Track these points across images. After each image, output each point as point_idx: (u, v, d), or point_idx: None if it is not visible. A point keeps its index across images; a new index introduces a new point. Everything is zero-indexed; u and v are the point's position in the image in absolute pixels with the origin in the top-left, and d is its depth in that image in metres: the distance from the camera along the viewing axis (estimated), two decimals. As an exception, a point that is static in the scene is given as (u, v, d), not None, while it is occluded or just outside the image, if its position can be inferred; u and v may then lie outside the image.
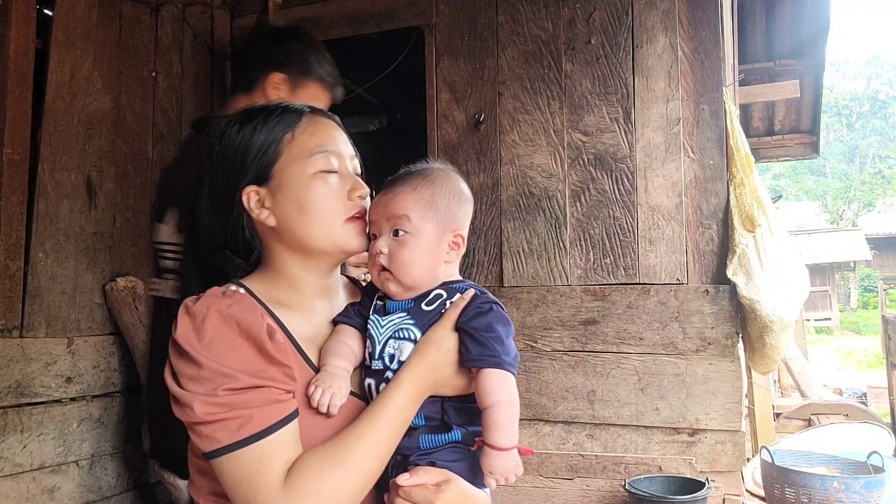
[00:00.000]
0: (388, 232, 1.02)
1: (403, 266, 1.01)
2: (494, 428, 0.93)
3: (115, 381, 3.27)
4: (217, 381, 0.89)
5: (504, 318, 1.01)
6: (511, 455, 0.93)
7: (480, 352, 0.95)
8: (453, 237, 1.06)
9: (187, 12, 3.77)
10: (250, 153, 1.04)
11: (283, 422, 0.91)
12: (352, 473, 0.90)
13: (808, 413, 4.97)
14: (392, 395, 0.95)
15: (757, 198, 3.04)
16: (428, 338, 0.99)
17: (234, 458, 0.89)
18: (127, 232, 3.40)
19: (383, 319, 1.02)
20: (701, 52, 3.16)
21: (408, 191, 1.03)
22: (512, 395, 0.95)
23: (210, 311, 0.94)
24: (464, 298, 1.02)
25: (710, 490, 2.80)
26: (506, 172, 3.40)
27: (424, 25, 3.61)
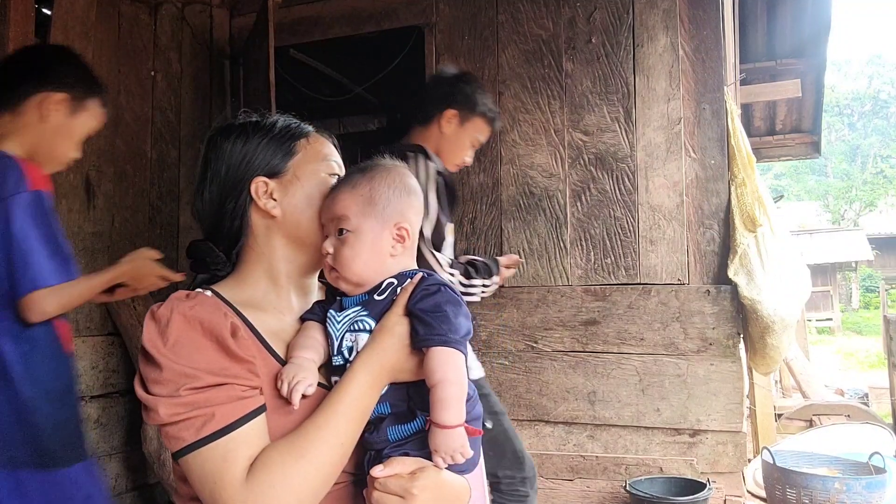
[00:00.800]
0: (333, 232, 1.05)
1: (346, 264, 1.03)
2: (439, 405, 0.93)
3: (114, 382, 3.27)
4: (179, 382, 0.91)
5: (452, 297, 1.01)
6: (457, 433, 0.93)
7: (427, 331, 0.96)
8: (396, 231, 1.07)
9: (186, 11, 3.76)
10: (264, 150, 1.11)
11: (245, 418, 0.92)
12: (313, 464, 0.91)
13: (810, 414, 4.96)
14: (347, 384, 0.97)
15: (758, 197, 3.03)
16: (381, 325, 1.00)
17: (200, 456, 0.90)
18: (126, 232, 3.39)
19: (339, 315, 1.04)
20: (702, 52, 3.15)
21: (347, 189, 1.06)
22: (458, 372, 0.95)
23: (174, 314, 0.95)
24: (413, 282, 1.03)
25: (711, 491, 2.79)
26: (506, 172, 3.39)
27: (424, 24, 3.60)
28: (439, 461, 0.94)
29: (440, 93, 2.23)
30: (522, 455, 2.24)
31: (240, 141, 1.13)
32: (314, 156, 1.13)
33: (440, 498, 0.96)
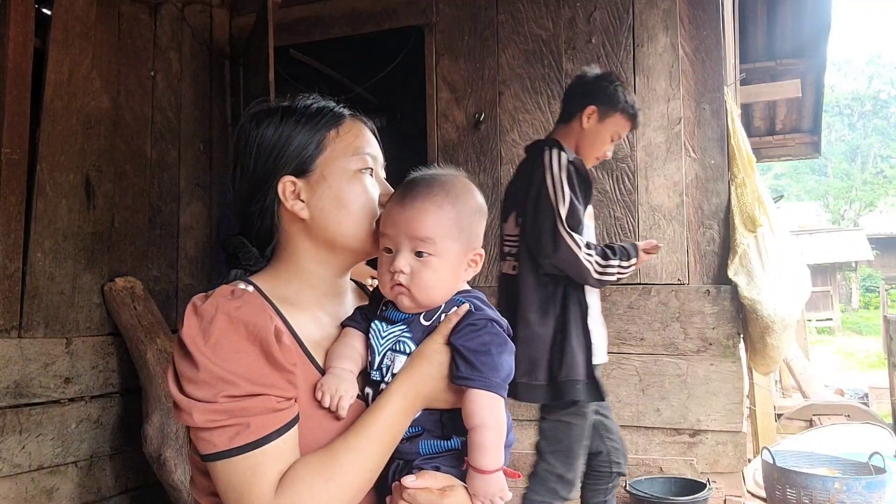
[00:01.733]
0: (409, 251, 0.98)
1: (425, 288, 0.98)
2: (478, 450, 0.91)
3: (114, 382, 3.26)
4: (217, 387, 0.89)
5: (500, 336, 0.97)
6: (496, 478, 0.92)
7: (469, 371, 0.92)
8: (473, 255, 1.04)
9: (186, 11, 3.76)
10: (291, 145, 1.04)
11: (279, 431, 0.90)
12: (342, 488, 0.90)
13: (810, 414, 4.96)
14: (381, 408, 0.94)
15: (758, 197, 3.03)
16: (419, 351, 0.97)
17: (229, 465, 0.89)
18: (126, 232, 3.39)
19: (384, 330, 1.01)
20: (702, 52, 3.15)
21: (431, 209, 0.98)
22: (498, 417, 0.93)
23: (218, 313, 0.92)
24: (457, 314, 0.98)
25: (711, 491, 2.79)
26: (506, 172, 3.39)
27: (424, 24, 3.59)
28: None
29: (581, 91, 2.38)
30: (576, 461, 2.30)
31: (269, 132, 1.06)
32: (343, 150, 1.05)
33: None
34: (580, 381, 2.18)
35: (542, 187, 2.21)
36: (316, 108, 1.08)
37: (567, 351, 2.19)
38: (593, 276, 2.20)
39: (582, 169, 2.28)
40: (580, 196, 2.24)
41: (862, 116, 41.62)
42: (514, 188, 2.46)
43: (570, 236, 2.16)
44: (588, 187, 2.31)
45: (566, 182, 2.20)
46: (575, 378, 2.18)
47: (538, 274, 2.26)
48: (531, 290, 2.27)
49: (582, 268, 2.18)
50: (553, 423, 2.27)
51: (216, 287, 1.00)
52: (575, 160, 2.27)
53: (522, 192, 2.32)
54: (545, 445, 2.28)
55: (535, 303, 2.26)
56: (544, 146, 2.29)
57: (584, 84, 2.39)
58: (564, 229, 2.16)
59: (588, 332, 2.24)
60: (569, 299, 2.24)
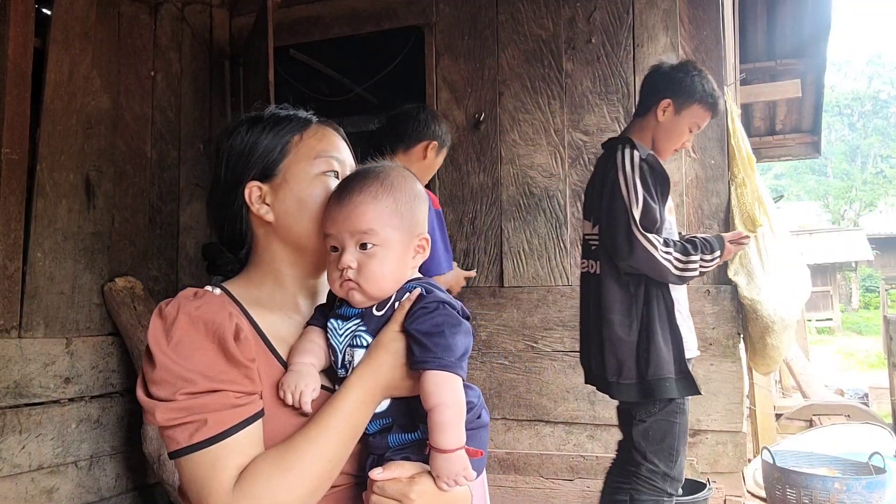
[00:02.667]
0: (353, 245, 0.99)
1: (374, 279, 0.99)
2: (437, 430, 0.91)
3: (114, 382, 3.26)
4: (176, 385, 0.91)
5: (452, 316, 0.98)
6: (457, 457, 0.92)
7: (423, 354, 0.93)
8: (419, 241, 1.04)
9: (186, 11, 3.76)
10: (257, 150, 1.08)
11: (238, 427, 0.92)
12: (300, 478, 0.92)
13: (810, 414, 4.96)
14: (341, 399, 0.96)
15: (758, 197, 3.03)
16: (376, 342, 0.98)
17: (191, 461, 0.91)
18: (126, 232, 3.39)
19: (340, 327, 1.02)
20: (702, 52, 3.15)
21: (367, 200, 0.99)
22: (455, 395, 0.94)
23: (179, 314, 0.95)
24: (409, 299, 1.00)
25: (711, 491, 2.79)
26: (506, 172, 3.39)
27: (424, 24, 3.59)
28: (443, 486, 0.92)
29: (656, 83, 2.35)
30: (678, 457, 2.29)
31: (237, 141, 1.10)
32: (306, 153, 1.08)
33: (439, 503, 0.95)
34: (670, 378, 2.18)
35: (615, 188, 2.20)
36: (283, 115, 1.12)
37: (653, 350, 2.18)
38: (673, 273, 2.19)
39: (657, 165, 2.26)
40: (657, 194, 2.22)
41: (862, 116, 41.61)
42: (591, 190, 2.46)
43: (644, 238, 2.15)
44: (665, 183, 2.28)
45: (639, 182, 2.18)
46: (665, 376, 2.18)
47: (619, 274, 2.25)
48: (613, 289, 2.26)
49: (660, 267, 2.16)
50: (654, 423, 2.25)
51: None
52: (648, 157, 2.24)
53: (597, 192, 2.32)
54: (647, 446, 2.26)
55: (617, 302, 2.25)
56: (617, 144, 2.28)
57: (659, 76, 2.35)
58: (638, 231, 2.15)
59: (676, 328, 2.23)
60: (652, 297, 2.23)
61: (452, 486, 0.93)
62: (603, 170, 2.31)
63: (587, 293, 2.45)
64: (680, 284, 2.30)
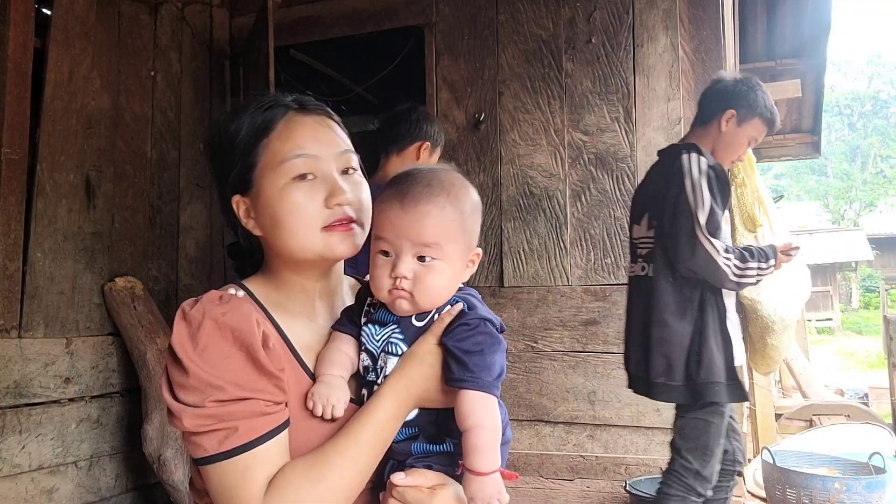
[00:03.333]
0: (412, 255, 0.95)
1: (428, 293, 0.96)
2: (473, 452, 0.89)
3: (114, 382, 3.26)
4: (206, 392, 0.89)
5: (492, 335, 0.96)
6: (492, 479, 0.89)
7: (461, 373, 0.91)
8: (472, 255, 1.02)
9: (186, 11, 3.76)
10: (234, 160, 1.02)
11: (268, 435, 0.90)
12: (331, 490, 0.90)
13: (810, 414, 4.96)
14: (373, 411, 0.93)
15: (758, 197, 3.04)
16: (411, 352, 0.96)
17: (219, 469, 0.89)
18: (126, 232, 3.39)
19: (376, 333, 1.00)
20: (702, 52, 3.15)
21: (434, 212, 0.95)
22: (493, 417, 0.92)
23: (205, 319, 0.92)
24: (450, 313, 0.97)
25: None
26: (506, 172, 3.39)
27: (424, 24, 3.59)
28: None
29: (720, 94, 2.43)
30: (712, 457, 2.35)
31: (218, 148, 1.05)
32: (271, 161, 1.00)
33: None
34: (720, 382, 2.23)
35: (681, 192, 2.24)
36: (249, 122, 1.03)
37: (705, 353, 2.23)
38: (731, 279, 2.23)
39: (721, 174, 2.32)
40: (719, 201, 2.28)
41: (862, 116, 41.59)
42: (647, 191, 2.51)
43: (708, 241, 2.20)
44: (727, 191, 2.34)
45: (706, 187, 2.24)
46: (715, 380, 2.23)
47: (674, 277, 2.31)
48: (667, 292, 2.31)
49: (720, 272, 2.21)
50: (691, 421, 2.31)
51: None
52: (715, 165, 2.31)
53: (658, 195, 2.36)
54: (682, 443, 2.33)
55: (671, 305, 2.30)
56: (682, 150, 2.33)
57: (724, 88, 2.43)
58: (703, 235, 2.20)
59: (728, 333, 2.28)
60: (706, 302, 2.28)
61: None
62: (665, 173, 2.35)
63: (635, 296, 2.49)
64: (736, 290, 2.37)
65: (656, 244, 2.36)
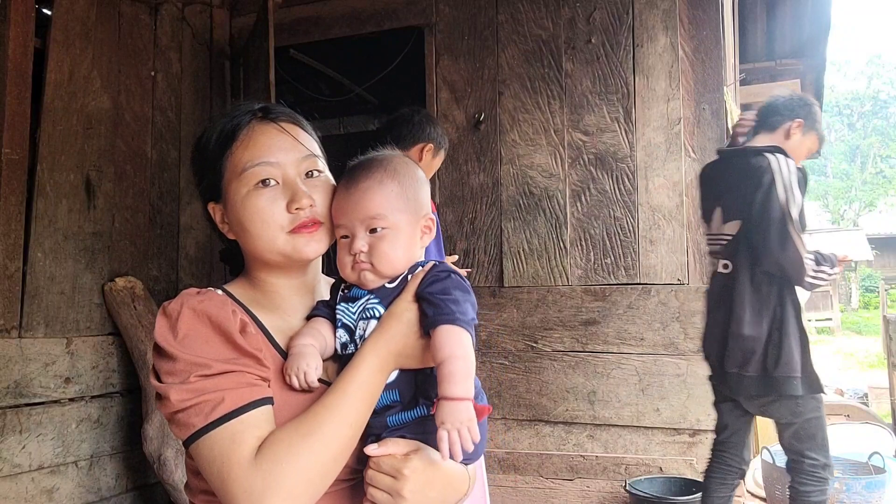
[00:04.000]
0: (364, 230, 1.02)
1: (387, 259, 1.02)
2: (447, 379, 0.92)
3: (114, 382, 3.27)
4: (190, 370, 0.92)
5: (461, 284, 1.01)
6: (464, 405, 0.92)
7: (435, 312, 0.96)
8: (425, 222, 1.09)
9: (186, 11, 3.76)
10: (206, 169, 1.08)
11: (255, 403, 0.92)
12: (322, 442, 0.92)
13: (810, 413, 4.96)
14: (356, 367, 0.97)
15: (758, 197, 3.03)
16: (389, 312, 1.00)
17: (209, 440, 0.90)
18: (126, 232, 3.39)
19: (351, 308, 1.05)
20: (702, 52, 3.15)
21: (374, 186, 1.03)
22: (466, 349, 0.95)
23: (183, 308, 0.96)
24: (424, 269, 1.02)
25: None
26: (506, 172, 3.39)
27: (424, 25, 3.60)
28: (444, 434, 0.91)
29: (789, 105, 2.60)
30: (828, 445, 2.53)
31: (195, 162, 1.13)
32: (233, 170, 1.04)
33: (432, 481, 0.97)
34: (797, 376, 2.36)
35: (772, 191, 2.36)
36: (222, 124, 1.08)
37: (784, 348, 2.36)
38: (808, 277, 2.37)
39: (802, 177, 2.47)
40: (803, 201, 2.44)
41: (861, 116, 41.59)
42: (717, 189, 2.65)
43: (798, 237, 2.34)
44: (804, 194, 2.49)
45: (796, 186, 2.39)
46: (793, 374, 2.36)
47: (754, 273, 2.43)
48: (747, 288, 2.44)
49: (802, 268, 2.35)
50: (804, 423, 2.45)
51: None
52: (801, 167, 2.47)
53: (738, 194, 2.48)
54: (802, 445, 2.48)
55: (750, 300, 2.43)
56: (767, 152, 2.46)
57: (792, 100, 2.62)
58: (795, 230, 2.33)
59: (804, 329, 2.41)
60: (785, 298, 2.41)
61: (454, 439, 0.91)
62: (747, 173, 2.45)
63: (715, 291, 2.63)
64: (808, 289, 2.50)
65: (739, 241, 2.47)
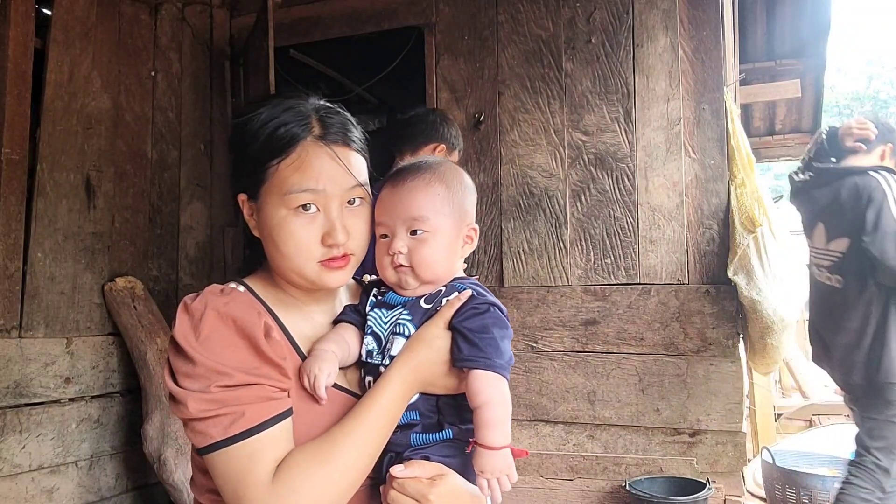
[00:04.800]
0: (405, 231, 1.00)
1: (426, 263, 0.99)
2: (484, 427, 0.91)
3: (114, 382, 3.27)
4: (211, 378, 0.89)
5: (501, 320, 0.98)
6: (503, 454, 0.91)
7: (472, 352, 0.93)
8: (468, 231, 1.06)
9: (186, 11, 3.76)
10: (246, 160, 1.02)
11: (274, 419, 0.90)
12: (338, 470, 0.91)
13: (810, 414, 4.96)
14: (379, 392, 0.95)
15: (758, 198, 3.03)
16: (419, 335, 0.98)
17: (225, 455, 0.88)
18: (126, 232, 3.39)
19: (385, 316, 1.02)
20: (702, 52, 3.15)
21: (420, 186, 1.01)
22: (503, 395, 0.94)
23: (207, 309, 0.93)
24: (459, 298, 0.99)
25: (710, 491, 2.79)
26: (506, 172, 3.39)
27: (424, 24, 3.59)
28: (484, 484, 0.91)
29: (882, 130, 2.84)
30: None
31: (234, 146, 1.06)
32: (277, 188, 0.98)
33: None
34: None
35: (884, 208, 2.58)
36: (274, 127, 1.00)
37: (885, 356, 2.55)
38: None
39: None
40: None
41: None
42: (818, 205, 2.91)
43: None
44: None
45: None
46: (893, 380, 2.54)
47: (863, 286, 2.63)
48: (855, 300, 2.65)
49: None
50: (881, 423, 2.58)
51: None
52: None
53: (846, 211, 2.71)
54: (872, 442, 2.60)
55: (857, 312, 2.64)
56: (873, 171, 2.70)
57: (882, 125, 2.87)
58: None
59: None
60: (889, 310, 2.59)
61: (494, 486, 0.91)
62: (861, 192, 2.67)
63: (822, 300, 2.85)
64: None
65: (849, 258, 2.67)
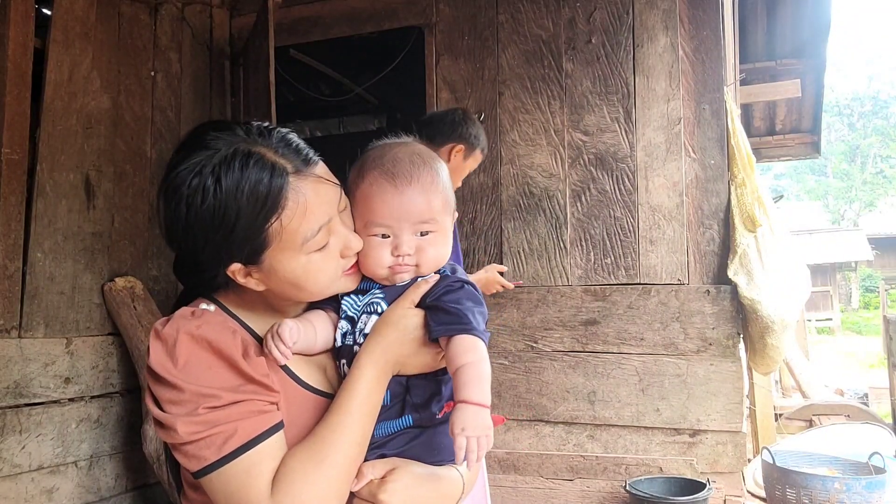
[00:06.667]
0: (412, 233, 1.00)
1: (432, 261, 1.02)
2: (468, 384, 0.91)
3: (114, 382, 3.27)
4: (198, 402, 0.87)
5: (476, 296, 1.00)
6: (484, 412, 0.90)
7: (451, 320, 0.95)
8: (455, 217, 1.10)
9: (186, 11, 3.76)
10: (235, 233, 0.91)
11: (268, 432, 0.90)
12: (334, 467, 0.90)
13: (810, 414, 4.96)
14: (354, 381, 0.95)
15: (758, 198, 3.03)
16: (385, 318, 0.98)
17: (223, 474, 0.87)
18: (126, 232, 3.39)
19: (360, 300, 1.03)
20: (702, 52, 3.15)
21: (427, 190, 1.01)
22: (484, 356, 0.95)
23: (180, 334, 0.90)
24: (427, 282, 1.01)
25: (710, 491, 2.79)
26: (506, 172, 3.39)
27: (424, 24, 3.59)
28: (463, 442, 0.87)
29: None
30: None
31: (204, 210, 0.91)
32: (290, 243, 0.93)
33: (416, 497, 0.95)
34: None
35: None
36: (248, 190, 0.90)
37: None
38: None
39: None
40: None
41: (862, 116, 41.53)
42: None
43: None
44: None
45: None
46: None
47: None
48: None
49: None
50: None
51: None
52: None
53: None
54: None
55: None
56: None
57: None
58: None
59: None
60: None
61: (472, 447, 0.88)
62: None
63: None
64: None
65: None
